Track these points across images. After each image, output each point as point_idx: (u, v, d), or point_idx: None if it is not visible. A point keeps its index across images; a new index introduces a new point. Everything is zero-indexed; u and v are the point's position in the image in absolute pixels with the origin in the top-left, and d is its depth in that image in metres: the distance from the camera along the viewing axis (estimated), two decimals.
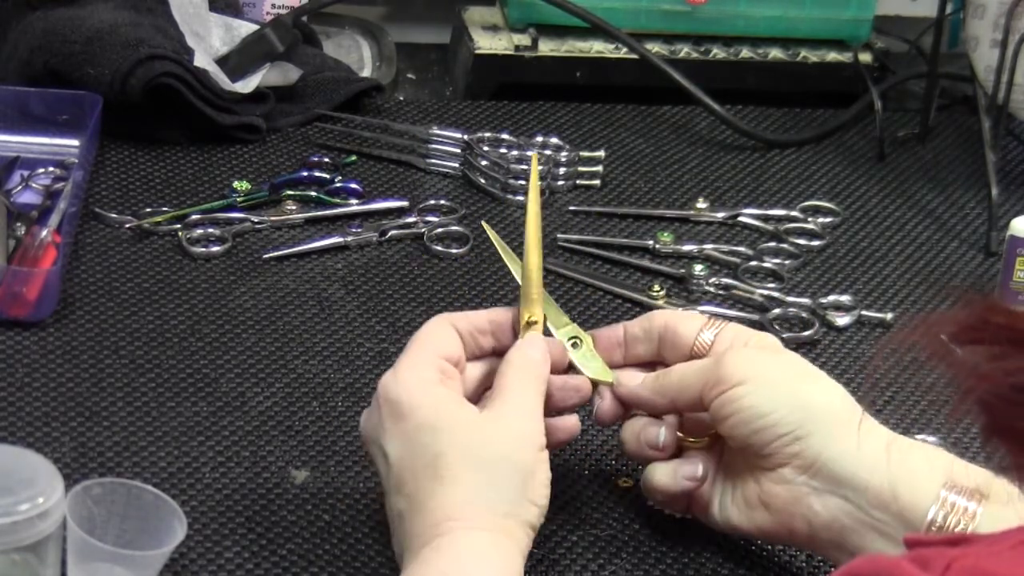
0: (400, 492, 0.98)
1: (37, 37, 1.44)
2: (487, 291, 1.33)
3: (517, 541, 0.97)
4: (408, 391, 0.99)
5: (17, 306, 1.21)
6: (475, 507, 0.96)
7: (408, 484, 0.98)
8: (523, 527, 0.98)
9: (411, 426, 0.99)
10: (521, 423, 1.00)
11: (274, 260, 1.34)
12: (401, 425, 0.99)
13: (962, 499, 0.97)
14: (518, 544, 0.97)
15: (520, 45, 1.63)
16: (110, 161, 1.43)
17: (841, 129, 1.62)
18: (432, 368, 1.01)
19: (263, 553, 1.05)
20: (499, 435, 0.99)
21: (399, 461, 0.99)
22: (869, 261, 1.43)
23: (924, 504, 0.97)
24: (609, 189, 1.49)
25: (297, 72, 1.52)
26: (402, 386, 1.00)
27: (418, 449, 0.98)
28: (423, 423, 0.98)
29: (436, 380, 1.01)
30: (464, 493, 0.96)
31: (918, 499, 0.97)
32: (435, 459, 0.97)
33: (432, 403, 0.99)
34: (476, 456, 0.98)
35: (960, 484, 0.97)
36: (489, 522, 0.96)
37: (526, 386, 1.02)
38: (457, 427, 0.99)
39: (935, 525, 0.96)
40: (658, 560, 1.08)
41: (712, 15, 1.65)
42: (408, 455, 0.98)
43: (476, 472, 0.97)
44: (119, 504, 0.99)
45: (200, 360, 1.21)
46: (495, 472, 0.97)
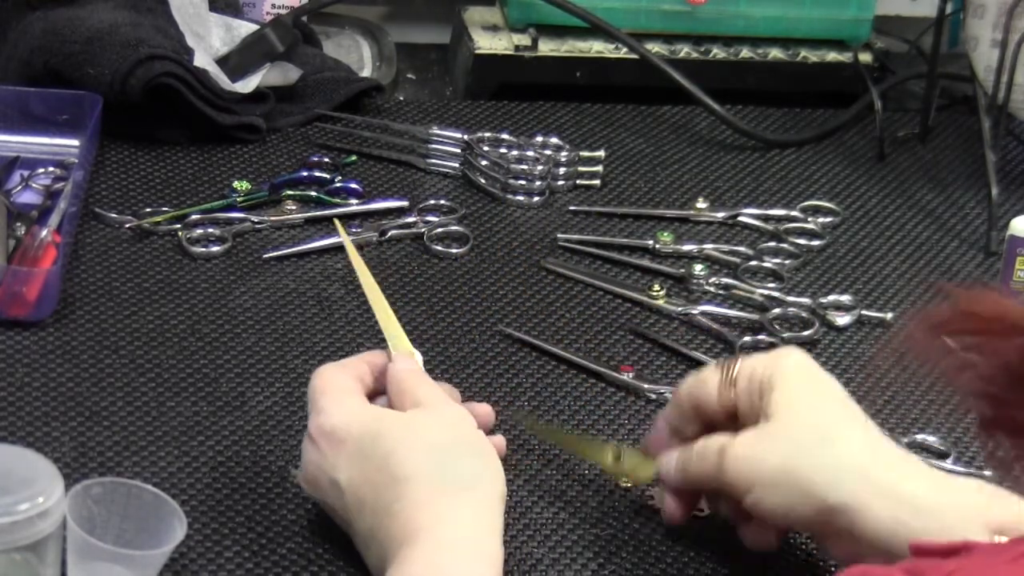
0: (362, 511, 0.99)
1: (37, 37, 1.44)
2: (487, 291, 1.33)
3: (494, 514, 0.97)
4: (339, 419, 1.01)
5: (17, 306, 1.21)
6: (439, 493, 0.97)
7: (368, 498, 0.99)
8: (492, 502, 0.98)
9: (355, 446, 1.00)
10: (449, 412, 1.03)
11: (274, 260, 1.33)
12: (341, 448, 1.00)
13: None
14: (495, 517, 0.97)
15: (520, 45, 1.63)
16: (110, 161, 1.43)
17: (841, 129, 1.62)
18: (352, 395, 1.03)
19: (263, 553, 1.05)
20: (438, 425, 1.01)
21: (352, 482, 1.00)
22: (869, 261, 1.43)
23: None
24: (609, 189, 1.49)
25: (297, 72, 1.52)
26: (332, 418, 1.01)
27: (366, 461, 0.99)
28: (364, 439, 1.00)
29: (356, 391, 1.03)
30: (427, 484, 0.97)
31: None
32: (385, 461, 0.98)
33: (364, 418, 1.01)
34: (423, 444, 0.99)
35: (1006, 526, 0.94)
36: (462, 503, 0.97)
37: (428, 388, 1.04)
38: (394, 426, 1.00)
39: None
40: (658, 560, 1.08)
41: (712, 15, 1.65)
42: (359, 471, 0.99)
43: (433, 461, 0.98)
44: (119, 504, 0.99)
45: (200, 360, 1.21)
46: (450, 456, 0.99)
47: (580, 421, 1.20)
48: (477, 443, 1.01)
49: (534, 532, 1.09)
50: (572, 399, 1.22)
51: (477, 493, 0.98)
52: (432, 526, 0.95)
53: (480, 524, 0.97)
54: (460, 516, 0.96)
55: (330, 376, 1.05)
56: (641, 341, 1.29)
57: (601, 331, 1.30)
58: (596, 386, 1.24)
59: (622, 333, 1.30)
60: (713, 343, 1.30)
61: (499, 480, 1.00)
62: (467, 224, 1.40)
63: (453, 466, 0.98)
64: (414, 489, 0.97)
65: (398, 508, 0.97)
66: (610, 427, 1.19)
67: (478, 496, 0.98)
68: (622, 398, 1.23)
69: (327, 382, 1.04)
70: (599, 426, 1.19)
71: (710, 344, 1.30)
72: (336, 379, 1.04)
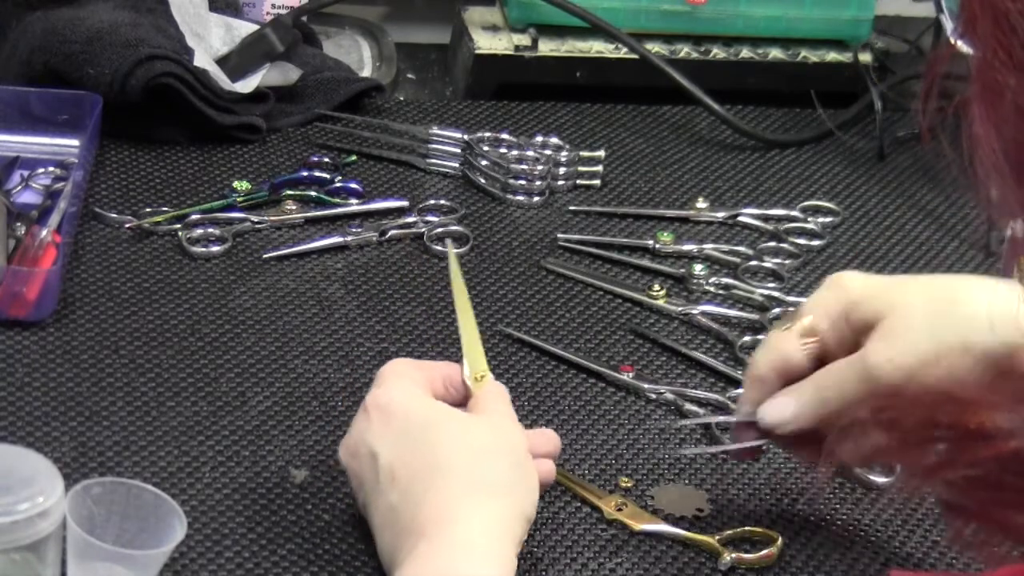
0: (392, 486, 0.99)
1: (37, 37, 1.44)
2: (487, 291, 1.33)
3: (515, 528, 0.98)
4: (398, 397, 1.02)
5: (17, 306, 1.21)
6: (474, 494, 0.97)
7: (401, 478, 0.99)
8: (520, 516, 0.98)
9: (403, 425, 1.00)
10: (507, 424, 1.03)
11: (274, 260, 1.34)
12: (391, 423, 1.01)
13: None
14: (515, 531, 0.98)
15: (520, 45, 1.63)
16: (110, 161, 1.43)
17: (841, 129, 1.62)
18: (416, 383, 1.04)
19: (263, 553, 1.05)
20: (490, 431, 1.02)
21: (391, 458, 1.00)
22: (869, 261, 1.43)
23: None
24: (609, 189, 1.49)
25: (297, 72, 1.52)
26: (391, 393, 1.02)
27: (411, 444, 1.00)
28: (415, 422, 1.01)
29: (421, 382, 1.04)
30: (462, 482, 0.98)
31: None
32: (431, 449, 0.99)
33: (421, 405, 1.02)
34: (470, 446, 1.00)
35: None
36: (489, 507, 0.97)
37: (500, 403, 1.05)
38: (449, 423, 1.01)
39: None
40: (658, 559, 1.08)
41: (712, 15, 1.65)
42: (401, 450, 1.00)
43: (474, 461, 0.99)
44: (119, 504, 0.98)
45: (200, 360, 1.21)
46: (491, 461, 0.99)
47: (580, 421, 1.20)
48: (520, 457, 1.01)
49: (534, 531, 1.08)
50: (572, 399, 1.22)
51: (506, 501, 0.98)
52: (454, 522, 0.96)
53: (502, 531, 0.97)
54: (484, 518, 0.97)
55: (402, 365, 1.06)
56: (641, 341, 1.29)
57: (601, 331, 1.30)
58: (596, 386, 1.24)
59: (622, 333, 1.30)
60: (713, 343, 1.30)
61: (531, 498, 1.00)
62: (467, 224, 1.40)
63: (491, 469, 0.99)
64: (448, 482, 0.98)
65: (428, 497, 0.97)
66: (610, 427, 1.20)
67: (507, 504, 0.98)
68: (622, 398, 1.23)
69: (397, 367, 1.05)
70: (599, 426, 1.19)
71: (710, 344, 1.30)
72: (406, 368, 1.05)
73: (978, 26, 0.69)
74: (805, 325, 1.04)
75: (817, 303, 1.05)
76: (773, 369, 1.05)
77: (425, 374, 1.06)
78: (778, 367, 1.05)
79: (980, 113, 0.70)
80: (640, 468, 1.16)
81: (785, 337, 1.05)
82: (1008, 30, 0.68)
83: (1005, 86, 0.68)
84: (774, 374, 1.06)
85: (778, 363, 1.05)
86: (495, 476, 0.99)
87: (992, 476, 0.72)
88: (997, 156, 0.69)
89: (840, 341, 1.03)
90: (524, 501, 0.99)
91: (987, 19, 0.69)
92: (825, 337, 1.04)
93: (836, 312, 1.03)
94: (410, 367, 1.06)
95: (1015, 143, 0.69)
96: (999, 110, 0.69)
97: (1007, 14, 0.68)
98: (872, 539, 1.12)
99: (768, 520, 1.12)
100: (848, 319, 1.03)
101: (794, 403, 1.04)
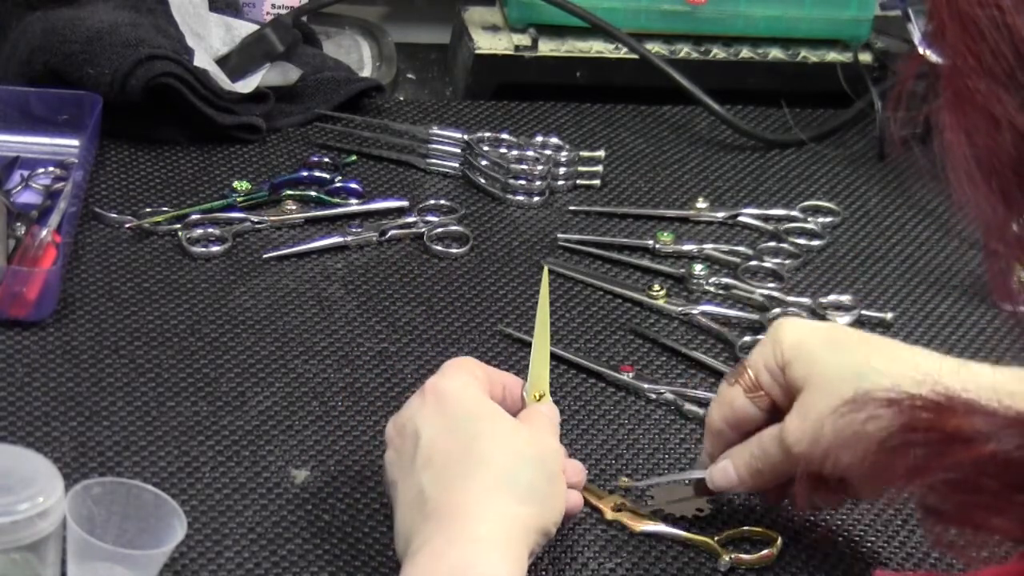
0: (427, 467, 1.00)
1: (37, 37, 1.44)
2: (487, 291, 1.33)
3: (530, 538, 0.98)
4: (456, 387, 1.03)
5: (17, 306, 1.21)
6: (503, 494, 0.98)
7: (437, 461, 1.00)
8: (539, 530, 0.99)
9: (452, 411, 1.02)
10: (549, 441, 1.04)
11: (274, 260, 1.34)
12: (443, 408, 1.02)
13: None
14: (529, 542, 0.98)
15: (520, 45, 1.63)
16: (110, 161, 1.43)
17: (841, 129, 1.62)
18: (477, 379, 1.05)
19: (263, 553, 1.05)
20: (532, 440, 1.03)
21: (432, 439, 1.01)
22: (869, 261, 1.43)
23: None
24: (609, 189, 1.49)
25: (297, 72, 1.52)
26: (452, 383, 1.04)
27: (455, 431, 1.01)
28: (465, 411, 1.02)
29: (481, 379, 1.05)
30: (495, 478, 0.98)
31: None
32: (471, 441, 1.00)
33: (475, 399, 1.03)
34: (509, 446, 1.01)
35: None
36: (514, 511, 0.97)
37: (551, 426, 1.06)
38: (495, 420, 1.02)
39: None
40: (658, 559, 1.08)
41: (712, 15, 1.65)
42: (443, 435, 1.01)
43: (510, 462, 1.00)
44: (119, 504, 0.99)
45: (200, 360, 1.21)
46: (527, 466, 1.00)
47: (580, 421, 1.20)
48: (555, 471, 1.02)
49: None
50: (572, 399, 1.22)
51: (532, 509, 0.99)
52: (476, 517, 0.96)
53: (520, 536, 0.97)
54: (506, 519, 0.97)
55: (468, 361, 1.07)
56: (641, 341, 1.29)
57: (601, 331, 1.30)
58: (596, 386, 1.24)
59: (622, 333, 1.30)
60: (713, 343, 1.30)
61: (555, 514, 1.01)
62: (467, 224, 1.40)
63: (524, 474, 1.00)
64: (480, 476, 0.98)
65: (457, 484, 0.98)
66: (610, 427, 1.20)
67: (531, 512, 0.99)
68: (622, 398, 1.23)
69: (463, 361, 1.06)
70: (599, 426, 1.19)
71: (710, 344, 1.30)
72: (471, 365, 1.06)
73: (947, 33, 0.69)
74: (750, 380, 1.07)
75: (757, 358, 1.07)
76: (727, 423, 1.09)
77: (487, 374, 1.07)
78: (731, 421, 1.08)
79: (951, 121, 0.70)
80: (640, 468, 1.16)
81: (734, 391, 1.08)
82: (977, 36, 0.68)
83: (975, 92, 0.69)
84: (728, 427, 1.09)
85: (731, 417, 1.08)
86: (527, 482, 0.99)
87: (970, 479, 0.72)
88: (969, 163, 0.70)
89: (784, 394, 1.06)
90: (548, 514, 1.00)
91: (955, 26, 0.69)
92: (769, 390, 1.07)
93: (774, 368, 1.06)
94: (474, 365, 1.07)
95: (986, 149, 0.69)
96: (970, 117, 0.69)
97: (975, 20, 0.68)
98: (871, 539, 1.12)
99: (768, 520, 1.12)
100: (784, 376, 1.06)
101: (733, 469, 1.08)
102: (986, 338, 1.34)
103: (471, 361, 1.07)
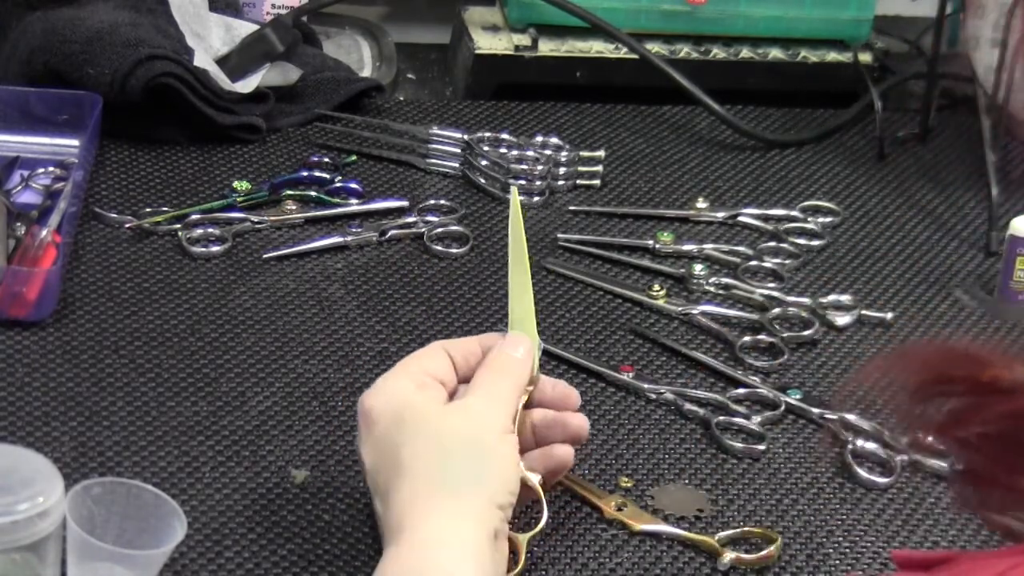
0: (375, 493, 1.00)
1: (37, 37, 1.44)
2: (487, 291, 1.33)
3: (483, 522, 0.97)
4: (379, 399, 1.02)
5: (17, 306, 1.22)
6: (433, 494, 0.97)
7: (380, 484, 0.99)
8: (489, 507, 0.97)
9: (379, 429, 1.00)
10: (484, 408, 1.01)
11: (274, 260, 1.34)
12: (372, 431, 1.01)
13: None
14: (484, 525, 0.97)
15: (520, 45, 1.63)
16: (110, 161, 1.43)
17: (841, 129, 1.62)
18: (408, 379, 1.03)
19: (263, 553, 1.05)
20: (460, 421, 1.00)
21: (372, 466, 1.00)
22: (869, 261, 1.43)
23: None
24: (609, 189, 1.49)
25: (297, 72, 1.52)
26: (375, 396, 1.02)
27: (385, 449, 1.00)
28: (390, 422, 1.00)
29: (411, 388, 1.02)
30: (423, 482, 0.97)
31: None
32: (397, 452, 0.99)
33: (399, 402, 1.01)
34: (435, 443, 0.99)
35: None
36: (450, 506, 0.96)
37: (498, 377, 1.04)
38: (419, 419, 1.00)
39: None
40: (658, 559, 1.08)
41: (712, 15, 1.65)
42: (378, 457, 1.00)
43: (434, 459, 0.98)
44: (119, 504, 0.99)
45: (200, 360, 1.21)
46: (453, 456, 0.98)
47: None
48: (486, 448, 1.00)
49: None
50: None
51: (471, 496, 0.97)
52: (416, 525, 0.96)
53: (471, 525, 0.96)
54: (448, 516, 0.96)
55: (422, 352, 1.05)
56: (641, 341, 1.29)
57: (601, 331, 1.30)
58: (596, 386, 1.24)
59: (622, 333, 1.30)
60: (713, 343, 1.30)
61: (503, 486, 0.99)
62: (467, 224, 1.40)
63: (452, 467, 0.98)
64: (410, 484, 0.97)
65: (394, 500, 0.97)
66: (610, 427, 1.20)
67: (471, 499, 0.97)
68: (622, 398, 1.23)
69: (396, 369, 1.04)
70: (599, 426, 1.19)
71: (710, 344, 1.30)
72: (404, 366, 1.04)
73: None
74: None
75: None
76: None
77: (454, 352, 1.05)
78: None
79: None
80: (640, 468, 1.16)
81: None
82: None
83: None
84: None
85: None
86: (456, 473, 0.98)
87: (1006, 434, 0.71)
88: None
89: None
90: (495, 491, 0.98)
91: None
92: None
93: None
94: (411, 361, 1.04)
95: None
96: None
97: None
98: (872, 539, 1.12)
99: (768, 520, 1.12)
100: None
101: None
102: (986, 338, 1.34)
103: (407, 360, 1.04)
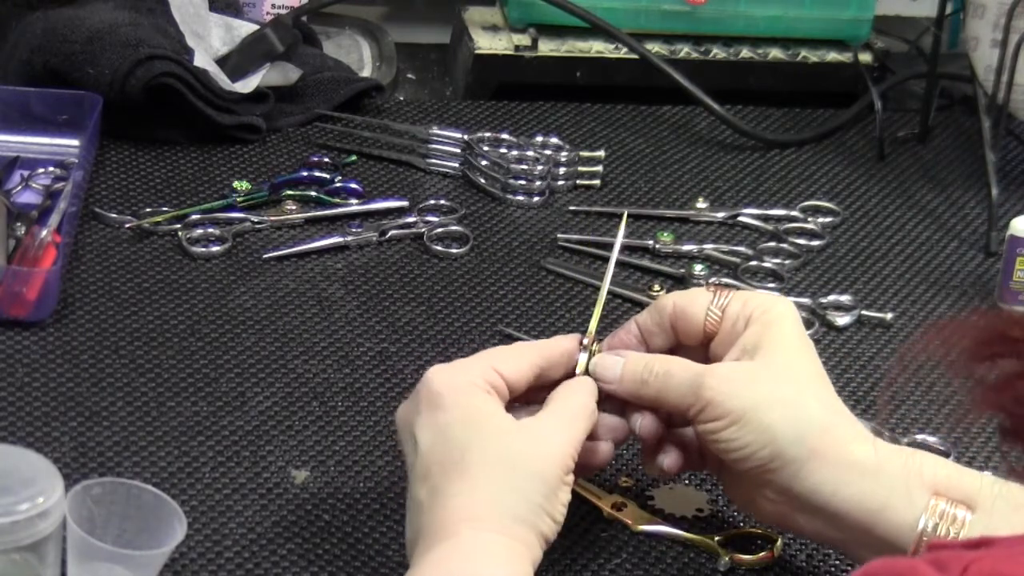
0: (424, 482, 0.98)
1: (37, 37, 1.44)
2: (487, 291, 1.33)
3: (530, 549, 0.96)
4: (451, 387, 1.00)
5: (17, 306, 1.21)
6: (494, 508, 0.96)
7: (434, 475, 0.98)
8: (537, 538, 0.97)
9: (446, 418, 0.98)
10: (555, 443, 0.99)
11: (274, 260, 1.34)
12: (436, 415, 0.99)
13: (951, 507, 0.96)
14: (530, 553, 0.96)
15: (520, 45, 1.63)
16: (110, 161, 1.43)
17: (841, 129, 1.62)
18: (481, 376, 1.01)
19: (263, 553, 1.05)
20: (530, 447, 0.99)
21: (428, 451, 0.98)
22: (869, 261, 1.43)
23: (913, 516, 0.97)
24: (609, 189, 1.49)
25: (297, 72, 1.52)
26: (447, 381, 1.00)
27: (449, 442, 0.98)
28: (458, 418, 0.98)
29: (481, 386, 1.01)
30: (486, 493, 0.96)
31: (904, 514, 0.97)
32: (463, 455, 0.97)
33: (470, 403, 0.99)
34: (504, 459, 0.97)
35: (948, 492, 0.97)
36: (506, 527, 0.96)
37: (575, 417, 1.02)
38: (490, 429, 0.98)
39: (925, 535, 0.96)
40: (658, 559, 1.08)
41: (712, 15, 1.65)
42: (438, 446, 0.98)
43: (501, 474, 0.97)
44: (119, 504, 0.99)
45: (200, 360, 1.21)
46: (519, 478, 0.97)
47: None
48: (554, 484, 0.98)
49: None
50: None
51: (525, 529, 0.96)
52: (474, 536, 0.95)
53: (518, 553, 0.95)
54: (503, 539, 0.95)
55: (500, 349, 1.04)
56: None
57: (601, 331, 1.29)
58: None
59: None
60: None
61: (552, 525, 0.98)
62: (467, 224, 1.40)
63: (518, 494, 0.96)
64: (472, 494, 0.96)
65: (452, 504, 0.96)
66: None
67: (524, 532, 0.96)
68: None
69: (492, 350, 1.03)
70: None
71: None
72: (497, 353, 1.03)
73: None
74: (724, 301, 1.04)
75: (749, 296, 1.05)
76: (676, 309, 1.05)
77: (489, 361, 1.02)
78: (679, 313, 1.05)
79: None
80: (640, 468, 1.16)
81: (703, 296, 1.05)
82: None
83: None
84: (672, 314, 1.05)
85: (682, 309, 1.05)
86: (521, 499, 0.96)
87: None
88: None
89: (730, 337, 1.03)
90: (549, 528, 0.98)
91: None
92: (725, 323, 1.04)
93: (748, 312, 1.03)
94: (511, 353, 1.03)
95: None
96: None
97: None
98: None
99: None
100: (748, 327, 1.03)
101: (622, 367, 1.05)
102: None
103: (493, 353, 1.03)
